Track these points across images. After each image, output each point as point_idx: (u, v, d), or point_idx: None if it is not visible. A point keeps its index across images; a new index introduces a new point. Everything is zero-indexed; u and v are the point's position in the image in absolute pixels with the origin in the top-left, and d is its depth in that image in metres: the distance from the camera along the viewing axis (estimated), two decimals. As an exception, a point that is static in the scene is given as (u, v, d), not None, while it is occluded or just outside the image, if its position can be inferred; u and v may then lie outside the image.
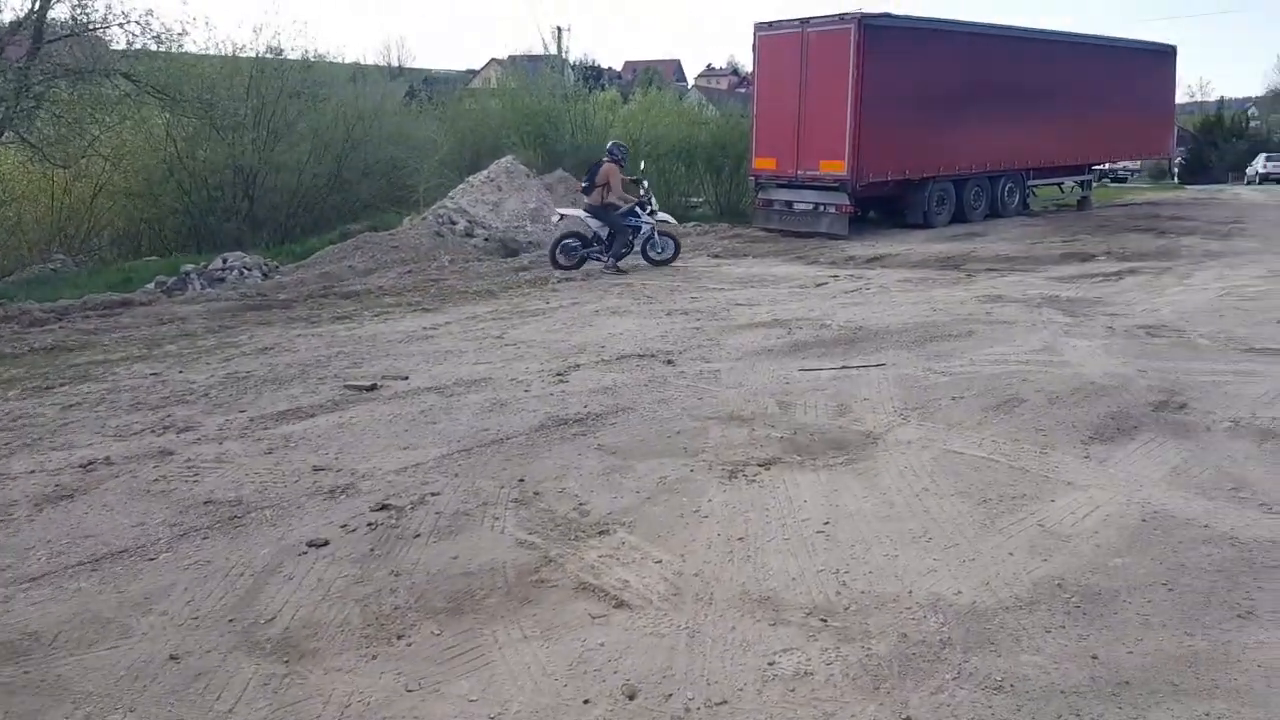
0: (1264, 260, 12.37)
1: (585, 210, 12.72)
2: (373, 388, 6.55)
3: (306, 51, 19.57)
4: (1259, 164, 41.81)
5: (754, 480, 4.62)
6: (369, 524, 4.16)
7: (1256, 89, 69.50)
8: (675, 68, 75.90)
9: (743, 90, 20.94)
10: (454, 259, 14.36)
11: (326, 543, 3.99)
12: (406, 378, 6.84)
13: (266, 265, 13.60)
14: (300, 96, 18.24)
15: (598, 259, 12.56)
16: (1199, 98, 60.56)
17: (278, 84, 17.59)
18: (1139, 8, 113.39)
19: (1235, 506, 4.08)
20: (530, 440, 5.30)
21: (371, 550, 3.92)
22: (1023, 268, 12.36)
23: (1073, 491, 4.33)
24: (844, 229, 16.29)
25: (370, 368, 7.19)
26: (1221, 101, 59.78)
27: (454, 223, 16.08)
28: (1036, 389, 6.09)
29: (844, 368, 6.86)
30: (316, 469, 4.86)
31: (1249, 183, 39.84)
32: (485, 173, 18.28)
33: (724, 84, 67.55)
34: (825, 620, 3.22)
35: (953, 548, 3.77)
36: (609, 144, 13.13)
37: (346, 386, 6.59)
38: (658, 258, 12.81)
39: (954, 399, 5.94)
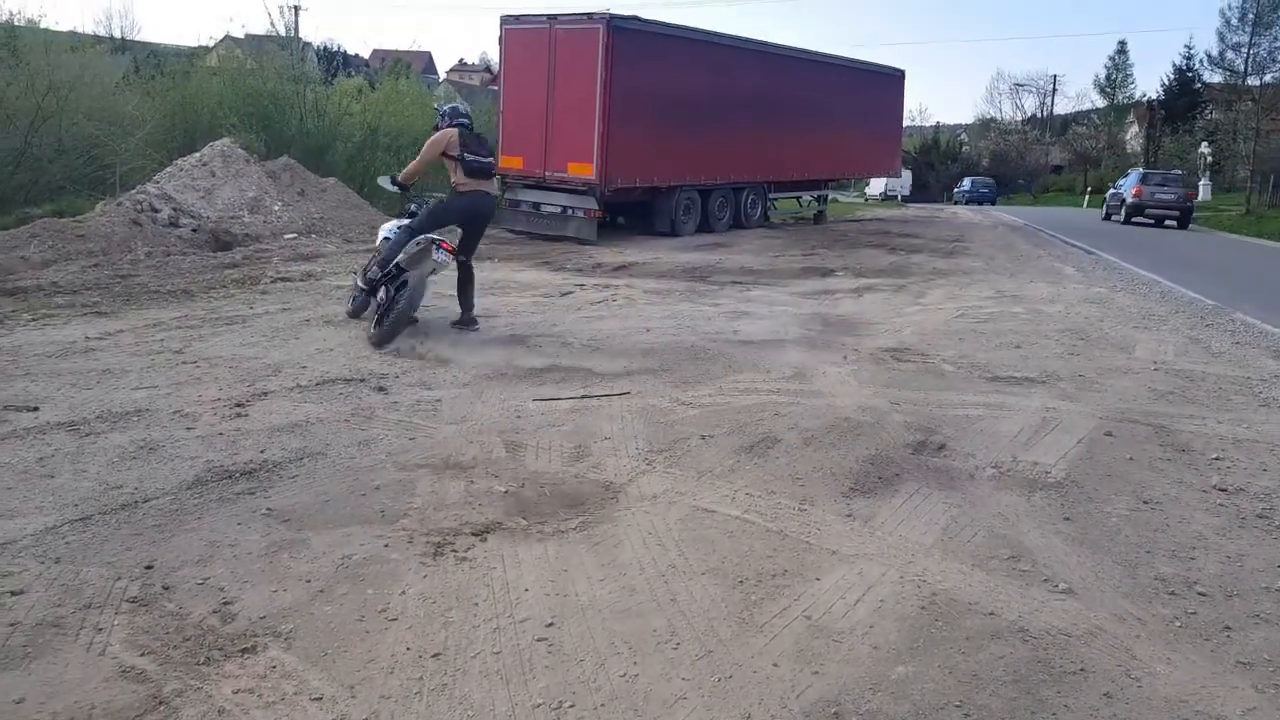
0: (989, 280, 12.86)
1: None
2: (-17, 422, 5.03)
3: (12, 14, 16.66)
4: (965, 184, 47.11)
5: (465, 558, 3.67)
6: (-106, 652, 2.85)
7: (968, 117, 76.50)
8: (426, 60, 73.25)
9: (495, 88, 19.95)
10: (152, 252, 12.40)
11: None
12: (36, 408, 5.32)
13: (-84, 254, 11.08)
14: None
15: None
16: (918, 122, 65.66)
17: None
18: (860, 32, 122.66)
19: (1018, 584, 3.58)
20: (177, 503, 4.06)
21: (-118, 701, 2.63)
22: (766, 281, 12.17)
23: (839, 565, 3.69)
24: (592, 234, 15.72)
25: (-6, 394, 5.60)
26: (938, 127, 65.16)
27: (156, 210, 13.99)
28: (790, 425, 5.53)
29: (584, 397, 6.05)
30: None
31: (955, 203, 44.08)
32: (198, 155, 16.15)
33: (476, 80, 66.10)
34: (538, 796, 2.33)
35: (705, 658, 2.99)
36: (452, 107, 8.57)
37: (-53, 421, 5.02)
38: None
39: (703, 438, 5.26)
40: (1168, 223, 27.52)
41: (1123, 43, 74.32)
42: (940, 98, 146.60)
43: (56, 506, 3.99)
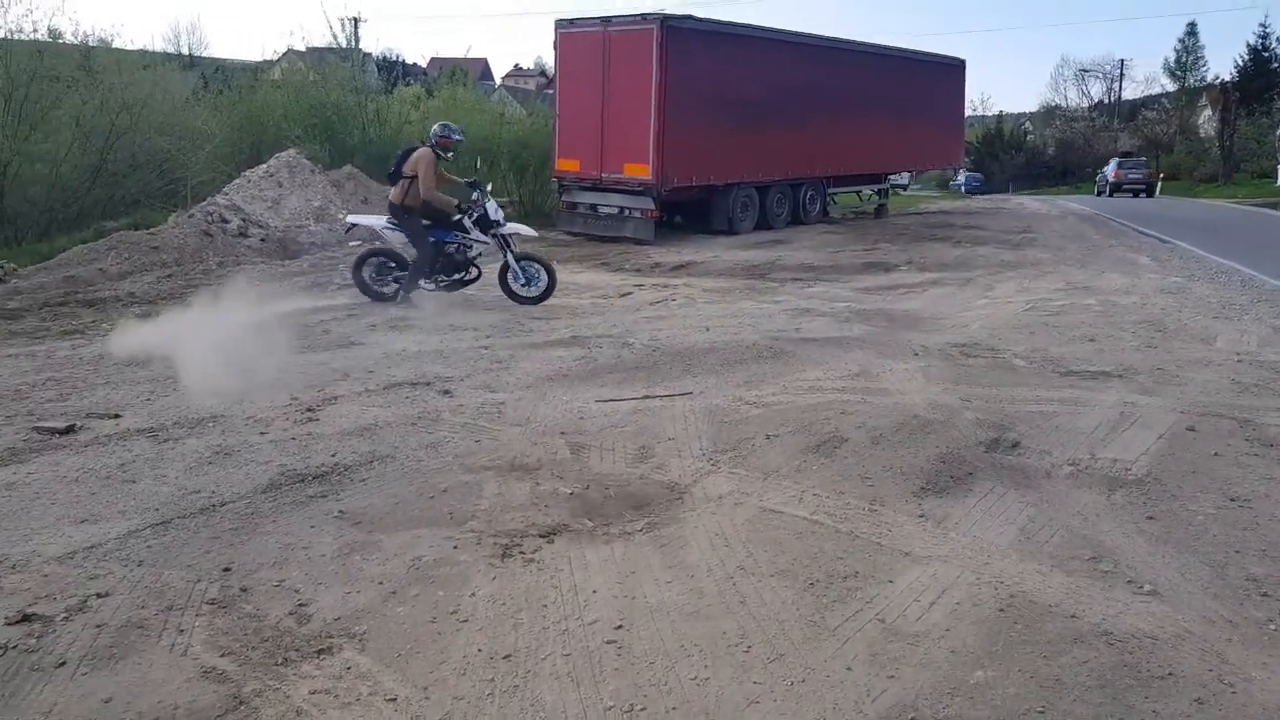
0: (1059, 272, 12.55)
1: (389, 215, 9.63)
2: (69, 430, 5.20)
3: (86, 34, 17.23)
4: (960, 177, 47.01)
5: (532, 560, 3.68)
6: (-2, 647, 2.96)
7: (1032, 105, 74.53)
8: (482, 66, 73.91)
9: (550, 92, 20.21)
10: (223, 261, 12.76)
11: (-92, 692, 2.75)
12: (119, 415, 5.50)
13: (1, 267, 11.54)
14: (59, 80, 15.96)
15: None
16: (980, 111, 64.12)
17: (30, 67, 15.22)
18: (920, 22, 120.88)
19: (1101, 585, 3.47)
20: (253, 506, 4.15)
21: (-17, 697, 2.73)
22: (828, 278, 12.04)
23: (912, 566, 3.62)
24: (650, 234, 15.72)
25: (79, 401, 5.81)
26: (1001, 116, 63.57)
27: (226, 221, 14.37)
28: (857, 424, 5.45)
29: (647, 398, 6.04)
30: (-58, 561, 3.56)
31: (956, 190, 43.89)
32: (265, 167, 16.57)
33: (532, 84, 66.47)
34: (612, 800, 2.32)
35: (777, 661, 2.96)
36: (436, 125, 9.61)
37: (36, 429, 5.21)
38: (523, 292, 9.44)
39: (769, 437, 5.21)
40: (1142, 195, 36.11)
41: (1192, 24, 71.79)
42: (1003, 86, 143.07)
43: (138, 511, 4.10)
